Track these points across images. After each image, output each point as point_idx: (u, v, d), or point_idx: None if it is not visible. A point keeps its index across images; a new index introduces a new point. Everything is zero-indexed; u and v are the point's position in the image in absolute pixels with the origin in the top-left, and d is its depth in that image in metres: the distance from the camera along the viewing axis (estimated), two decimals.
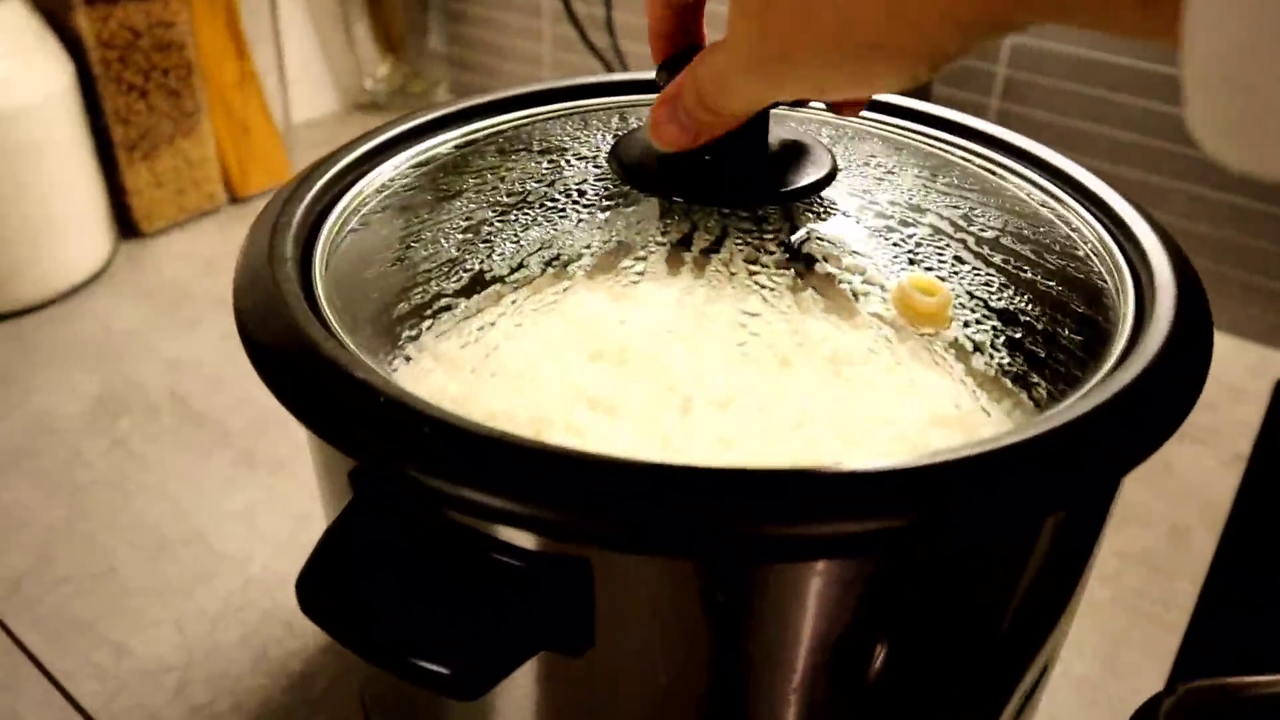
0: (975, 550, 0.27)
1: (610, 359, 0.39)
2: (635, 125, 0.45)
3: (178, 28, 0.78)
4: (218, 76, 0.85)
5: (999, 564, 0.29)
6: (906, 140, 0.47)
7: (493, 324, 0.42)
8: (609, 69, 0.89)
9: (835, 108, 0.39)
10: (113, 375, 0.68)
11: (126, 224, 0.82)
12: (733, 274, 0.45)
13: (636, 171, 0.38)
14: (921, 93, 0.68)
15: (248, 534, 0.56)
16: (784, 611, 0.26)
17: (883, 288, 0.39)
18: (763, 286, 0.43)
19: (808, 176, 0.40)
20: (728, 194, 0.38)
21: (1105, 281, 0.33)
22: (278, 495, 0.58)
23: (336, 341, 0.27)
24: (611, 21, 0.87)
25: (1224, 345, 0.71)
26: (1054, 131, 0.69)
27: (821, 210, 0.42)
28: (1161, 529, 0.57)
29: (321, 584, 0.26)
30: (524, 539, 0.25)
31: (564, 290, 0.43)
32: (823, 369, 0.38)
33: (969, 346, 0.41)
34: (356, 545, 0.27)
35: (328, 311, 0.30)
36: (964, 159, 0.44)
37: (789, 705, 0.28)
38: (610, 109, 0.47)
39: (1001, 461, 0.24)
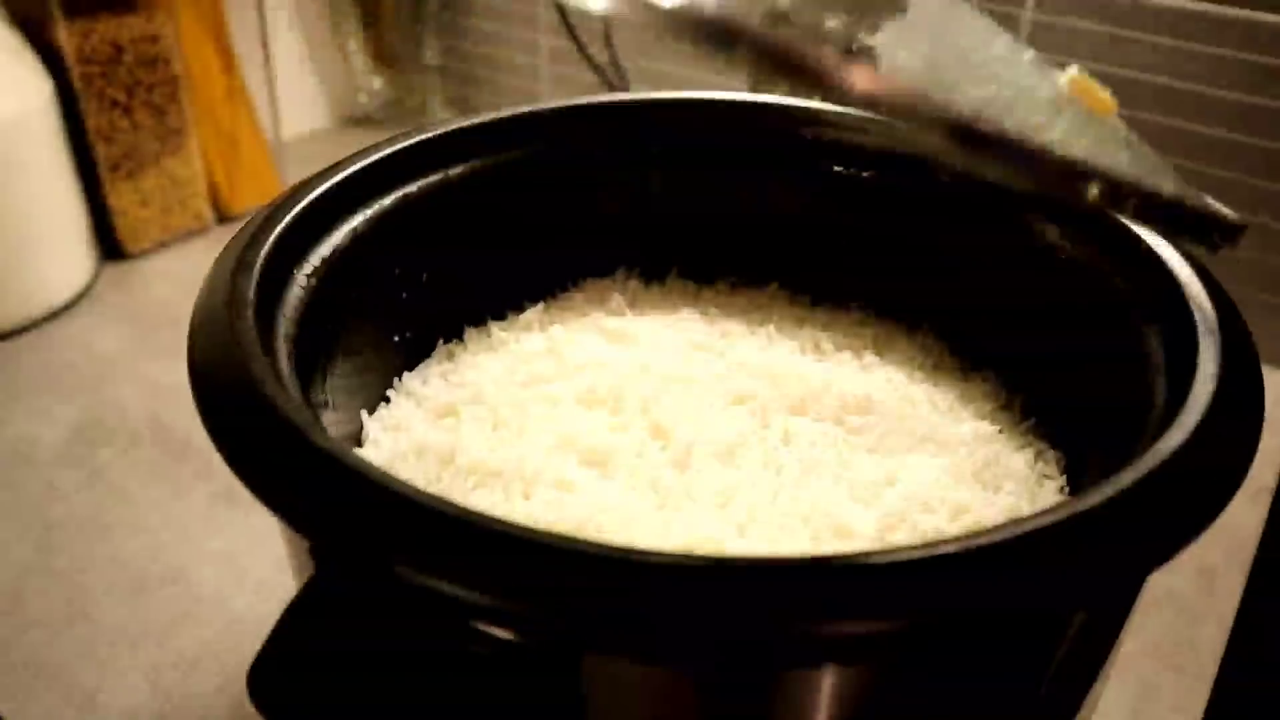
0: (988, 648, 0.24)
1: (604, 405, 0.36)
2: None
3: (163, 42, 0.76)
4: (205, 91, 0.83)
5: (1013, 661, 0.26)
6: None
7: (479, 365, 0.39)
8: (607, 83, 0.87)
9: None
10: (93, 402, 0.65)
11: (110, 244, 0.79)
12: (729, 309, 0.42)
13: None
14: None
15: (229, 573, 0.53)
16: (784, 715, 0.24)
17: None
18: (762, 324, 0.41)
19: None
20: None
21: (1141, 330, 0.31)
22: (261, 533, 0.56)
23: (293, 402, 0.24)
24: (610, 35, 0.85)
25: None
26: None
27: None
28: (1187, 570, 0.54)
29: (277, 671, 0.23)
30: (494, 629, 0.23)
31: (553, 329, 0.40)
32: (830, 417, 0.36)
33: (989, 393, 0.38)
34: (318, 628, 0.24)
35: (284, 364, 0.28)
36: None
37: None
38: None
39: (1018, 554, 0.21)
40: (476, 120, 0.39)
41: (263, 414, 0.24)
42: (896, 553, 0.20)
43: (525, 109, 0.40)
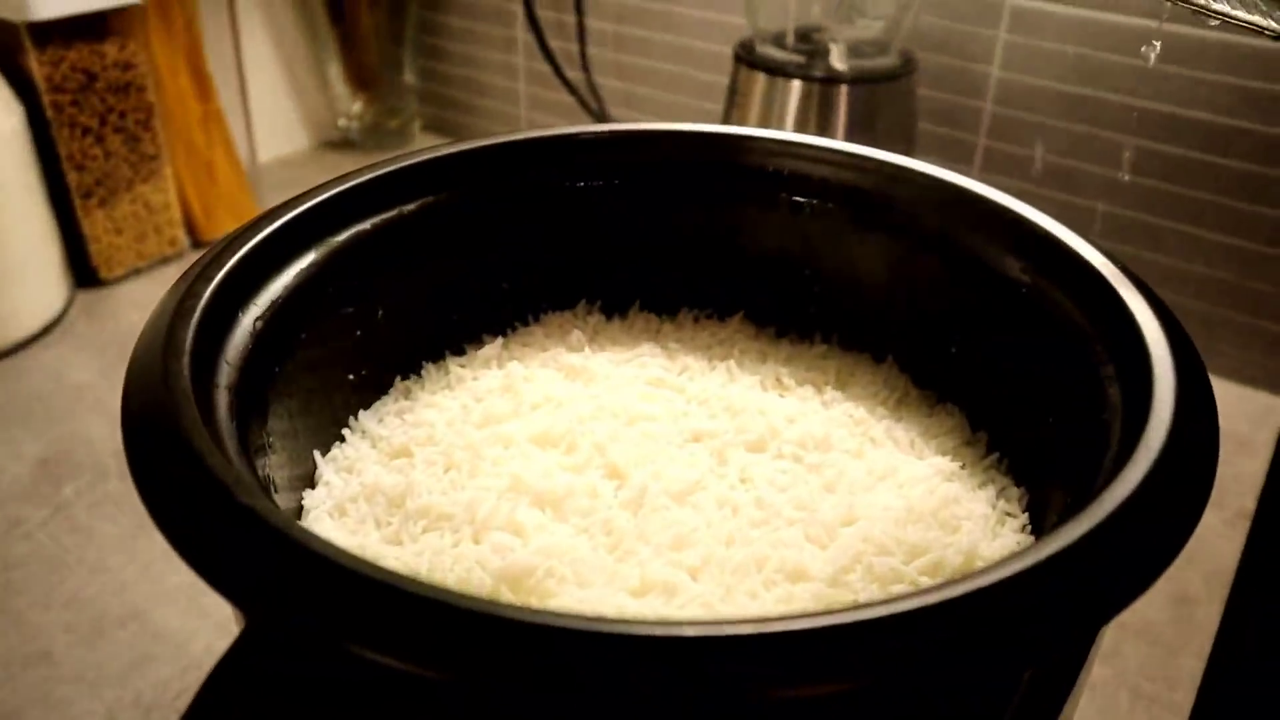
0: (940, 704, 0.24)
1: (558, 445, 0.36)
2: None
3: (136, 70, 0.76)
4: (180, 117, 0.83)
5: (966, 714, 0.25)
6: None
7: (435, 403, 0.39)
8: (584, 105, 0.86)
9: None
10: (61, 435, 0.64)
11: (84, 271, 0.78)
12: (691, 343, 0.42)
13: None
14: (908, 131, 0.65)
15: (189, 612, 0.52)
16: None
17: None
18: (724, 359, 0.40)
19: None
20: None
21: (1099, 368, 0.30)
22: None
23: (217, 458, 0.24)
24: (586, 58, 0.84)
25: (1225, 392, 0.68)
26: (1043, 168, 0.66)
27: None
28: (1162, 599, 0.53)
29: None
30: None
31: (511, 365, 0.39)
32: (789, 455, 0.35)
33: (953, 428, 0.38)
34: (246, 688, 0.23)
35: (222, 412, 0.27)
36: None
37: None
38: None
39: (973, 609, 0.21)
40: (430, 155, 0.38)
41: (188, 470, 0.23)
42: (830, 614, 0.20)
43: (482, 142, 0.40)
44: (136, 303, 0.78)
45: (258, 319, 0.33)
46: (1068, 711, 0.29)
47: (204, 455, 0.24)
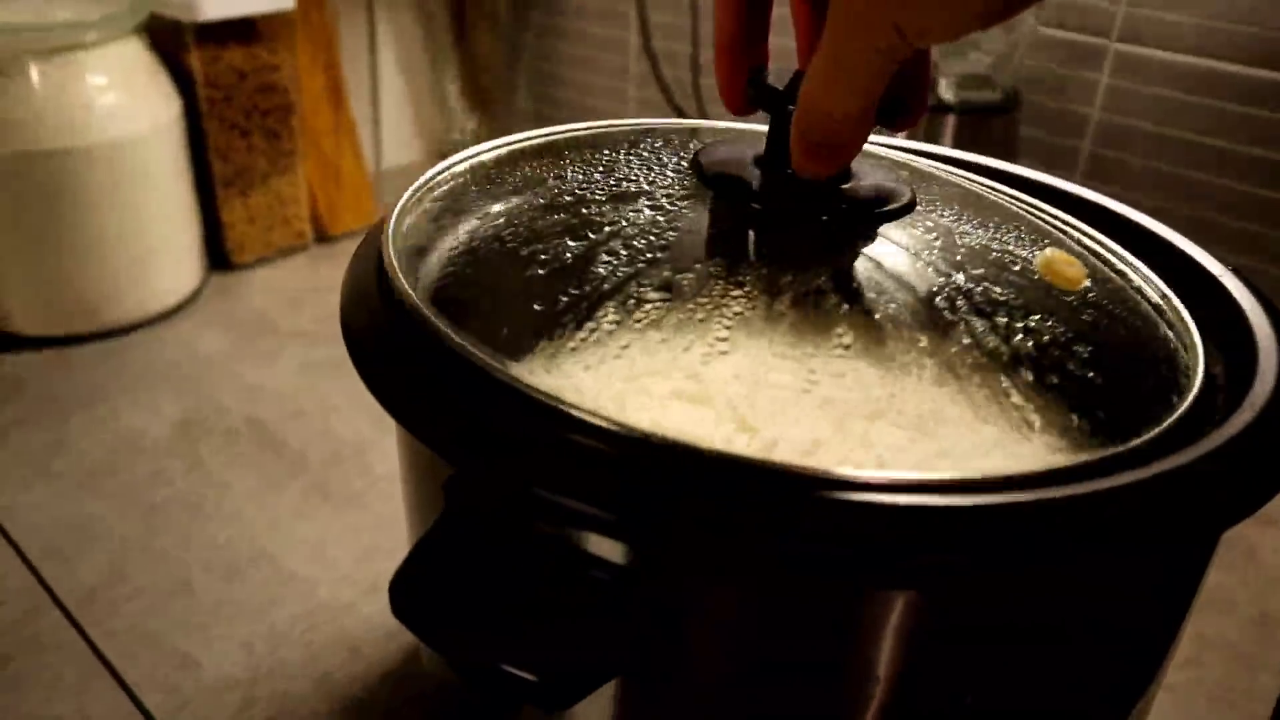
0: (1077, 594, 0.27)
1: (694, 399, 0.39)
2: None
3: (281, 72, 0.82)
4: (315, 121, 0.88)
5: (1099, 611, 0.28)
6: (967, 183, 0.46)
7: (576, 353, 0.42)
8: None
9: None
10: (196, 400, 0.69)
11: (218, 255, 0.84)
12: (820, 313, 0.45)
13: (722, 181, 0.38)
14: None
15: (316, 561, 0.56)
16: (881, 647, 0.26)
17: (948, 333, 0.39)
18: (849, 328, 0.43)
19: (891, 202, 0.39)
20: (811, 211, 0.38)
21: (1164, 327, 0.33)
22: (348, 527, 0.59)
23: (436, 341, 0.28)
24: (699, 86, 0.89)
25: None
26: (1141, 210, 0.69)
27: (896, 242, 0.41)
28: (1245, 617, 0.55)
29: (413, 589, 0.26)
30: (617, 554, 0.25)
31: (647, 323, 0.43)
32: (909, 426, 0.38)
33: (1050, 405, 0.40)
34: (448, 554, 0.27)
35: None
36: (1035, 214, 0.44)
37: None
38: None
39: (1116, 499, 0.24)
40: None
41: (414, 349, 0.27)
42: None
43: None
44: (263, 287, 0.83)
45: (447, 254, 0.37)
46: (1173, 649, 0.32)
47: (419, 336, 0.28)
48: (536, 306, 0.43)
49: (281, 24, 0.81)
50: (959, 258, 0.42)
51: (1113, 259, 0.41)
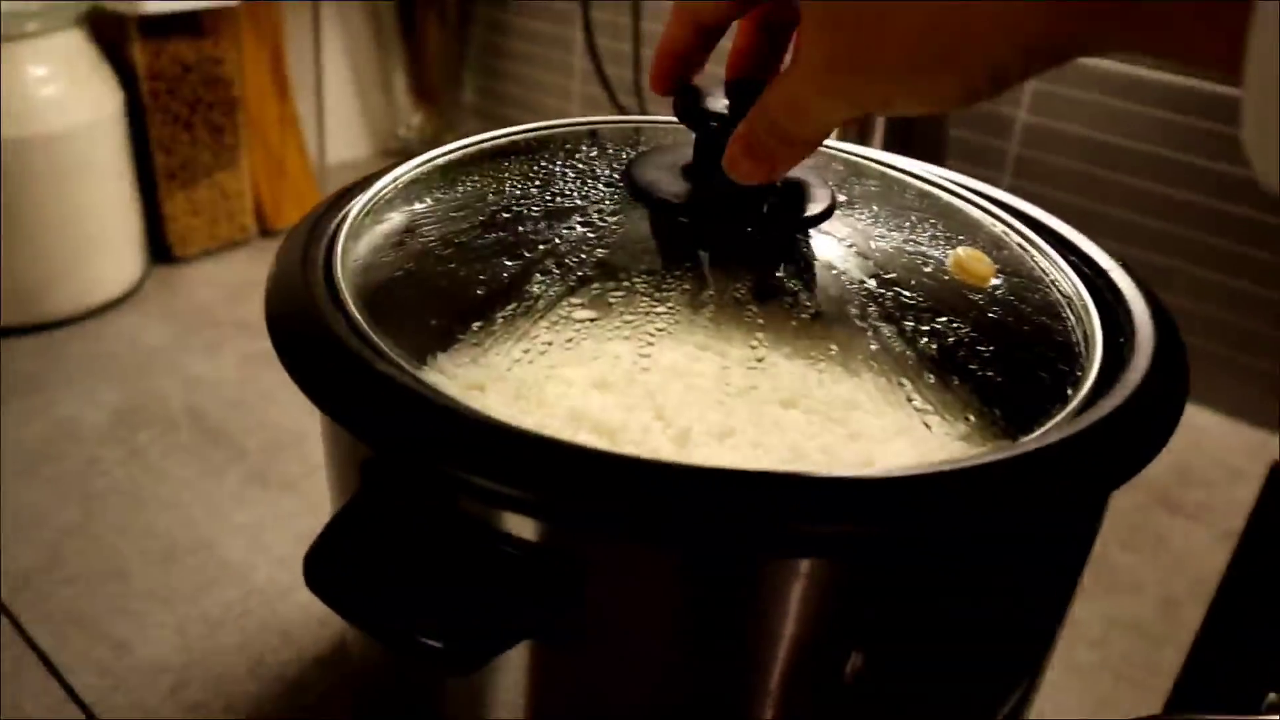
0: (962, 561, 0.29)
1: (614, 390, 0.40)
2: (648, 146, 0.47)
3: (226, 65, 0.82)
4: (259, 115, 0.89)
5: (983, 579, 0.30)
6: (898, 180, 0.48)
7: (500, 346, 0.43)
8: None
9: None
10: (135, 390, 0.70)
11: (160, 248, 0.84)
12: (738, 312, 0.47)
13: (648, 193, 0.40)
14: (939, 156, 0.70)
15: (253, 547, 0.57)
16: (769, 611, 0.28)
17: (870, 325, 0.41)
18: (766, 326, 0.45)
19: (810, 209, 0.41)
20: (735, 217, 0.40)
21: (1073, 321, 0.35)
22: (285, 513, 0.60)
23: (356, 334, 0.29)
24: (640, 85, 0.90)
25: (1224, 427, 0.72)
26: (1062, 209, 0.71)
27: (815, 246, 0.43)
28: (1152, 599, 0.57)
29: (328, 561, 0.27)
30: (525, 529, 0.27)
31: (571, 318, 0.44)
32: (820, 411, 0.40)
33: (953, 395, 0.42)
34: (363, 530, 0.28)
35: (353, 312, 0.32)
36: (958, 206, 0.46)
37: (768, 705, 0.29)
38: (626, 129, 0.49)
39: (1000, 472, 0.26)
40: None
41: (333, 342, 0.28)
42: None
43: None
44: (206, 280, 0.84)
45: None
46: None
47: (341, 333, 0.29)
48: (466, 301, 0.44)
49: (226, 17, 0.81)
50: (875, 259, 0.43)
51: (1033, 254, 0.43)
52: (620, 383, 0.41)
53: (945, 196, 0.47)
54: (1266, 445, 0.71)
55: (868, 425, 0.39)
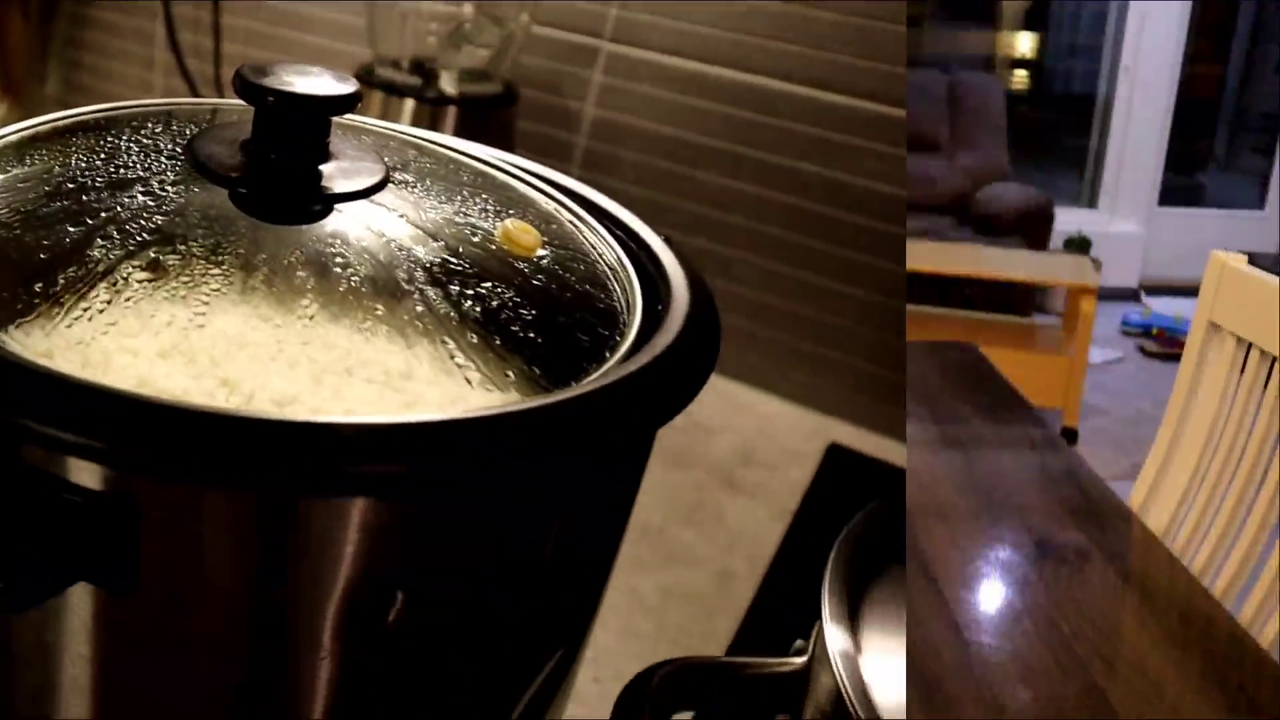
0: (500, 504, 0.32)
1: (179, 358, 0.38)
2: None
3: None
4: None
5: (518, 523, 0.34)
6: (457, 160, 0.49)
7: (67, 316, 0.39)
8: None
9: None
10: None
11: None
12: (289, 278, 0.44)
13: (206, 165, 0.41)
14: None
15: None
16: (312, 553, 0.30)
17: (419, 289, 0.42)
18: (316, 290, 0.43)
19: (363, 182, 0.42)
20: (290, 189, 0.42)
21: (617, 291, 0.39)
22: None
23: None
24: (220, 78, 0.87)
25: (787, 412, 0.77)
26: (634, 203, 0.74)
27: (368, 216, 0.43)
28: (709, 571, 0.60)
29: None
30: (85, 476, 0.29)
31: (130, 280, 0.41)
32: (379, 381, 0.39)
33: (495, 354, 0.42)
34: None
35: None
36: (512, 185, 0.48)
37: (320, 648, 0.32)
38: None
39: (533, 418, 0.30)
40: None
41: None
42: None
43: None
44: None
45: None
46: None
47: None
48: (30, 267, 0.40)
49: None
50: (426, 229, 0.44)
51: (583, 230, 0.45)
52: (186, 351, 0.39)
53: (501, 176, 0.50)
54: (827, 429, 0.76)
55: (424, 394, 0.39)
